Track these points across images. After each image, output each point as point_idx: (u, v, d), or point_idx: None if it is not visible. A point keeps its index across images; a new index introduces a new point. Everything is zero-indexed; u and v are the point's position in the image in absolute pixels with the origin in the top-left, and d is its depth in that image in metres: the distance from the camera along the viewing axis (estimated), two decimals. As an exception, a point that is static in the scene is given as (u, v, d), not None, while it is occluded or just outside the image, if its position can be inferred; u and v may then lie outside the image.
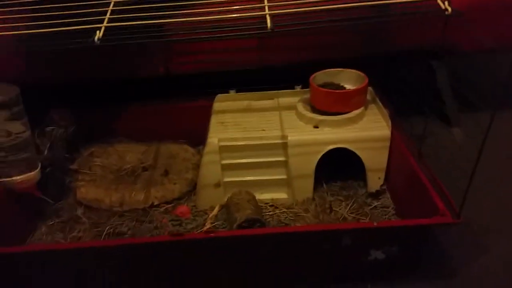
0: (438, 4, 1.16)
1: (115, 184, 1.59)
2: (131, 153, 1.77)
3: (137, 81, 1.89)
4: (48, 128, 1.65)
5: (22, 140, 1.36)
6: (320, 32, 1.68)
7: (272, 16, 1.15)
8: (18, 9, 1.25)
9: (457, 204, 1.15)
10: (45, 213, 1.51)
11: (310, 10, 1.17)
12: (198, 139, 1.74)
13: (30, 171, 1.39)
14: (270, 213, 1.47)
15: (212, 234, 1.16)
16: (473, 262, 1.29)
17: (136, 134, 1.85)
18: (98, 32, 1.13)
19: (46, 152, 1.55)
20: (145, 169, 1.69)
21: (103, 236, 1.41)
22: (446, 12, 1.14)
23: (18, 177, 1.37)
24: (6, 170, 1.36)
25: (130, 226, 1.45)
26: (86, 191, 1.56)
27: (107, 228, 1.43)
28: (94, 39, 1.11)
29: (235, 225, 1.33)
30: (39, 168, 1.43)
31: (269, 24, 1.13)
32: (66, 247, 1.30)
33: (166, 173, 1.65)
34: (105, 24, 1.16)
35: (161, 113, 1.85)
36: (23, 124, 1.36)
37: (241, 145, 1.50)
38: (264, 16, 1.16)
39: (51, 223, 1.48)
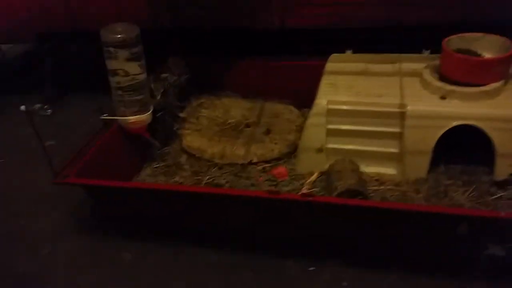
0: None
1: (218, 136, 1.60)
2: (236, 108, 1.76)
3: (251, 35, 1.84)
4: (163, 75, 1.71)
5: (138, 81, 1.40)
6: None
7: None
8: None
9: None
10: (151, 156, 1.58)
11: None
12: (304, 100, 1.63)
13: (143, 113, 1.45)
14: (375, 187, 1.34)
15: (309, 198, 1.08)
16: None
17: (243, 89, 1.82)
18: None
19: (159, 97, 1.60)
20: (248, 125, 1.67)
21: (202, 185, 1.42)
22: None
23: (132, 117, 1.43)
24: (122, 109, 1.43)
25: (228, 179, 1.44)
26: (191, 139, 1.60)
27: (206, 178, 1.45)
28: None
29: (334, 194, 1.24)
30: (151, 111, 1.48)
31: None
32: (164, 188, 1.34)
33: (268, 132, 1.60)
34: None
35: (270, 69, 1.79)
36: (140, 66, 1.40)
37: (352, 110, 1.37)
38: None
39: (156, 166, 1.55)
